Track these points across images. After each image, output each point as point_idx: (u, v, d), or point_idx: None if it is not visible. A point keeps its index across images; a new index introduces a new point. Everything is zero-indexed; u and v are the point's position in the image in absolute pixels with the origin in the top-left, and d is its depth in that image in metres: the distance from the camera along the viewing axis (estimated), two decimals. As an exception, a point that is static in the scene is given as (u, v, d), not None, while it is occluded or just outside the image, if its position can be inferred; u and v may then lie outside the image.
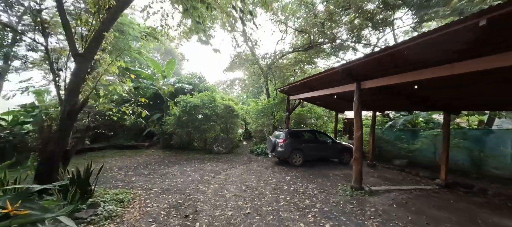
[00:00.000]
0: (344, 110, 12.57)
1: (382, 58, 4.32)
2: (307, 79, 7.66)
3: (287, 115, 11.08)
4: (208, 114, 11.06)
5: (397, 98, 7.07)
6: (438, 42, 3.49)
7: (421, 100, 6.89)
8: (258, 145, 12.24)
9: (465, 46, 3.56)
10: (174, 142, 11.55)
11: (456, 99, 6.53)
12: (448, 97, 6.48)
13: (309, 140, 9.35)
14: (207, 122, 11.90)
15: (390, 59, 4.38)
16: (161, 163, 8.85)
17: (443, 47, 3.70)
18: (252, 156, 11.16)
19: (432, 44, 3.52)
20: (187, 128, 10.90)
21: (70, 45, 4.44)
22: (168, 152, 11.51)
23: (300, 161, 8.65)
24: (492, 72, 3.48)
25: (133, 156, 10.41)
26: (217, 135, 12.11)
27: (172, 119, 11.06)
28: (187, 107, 10.64)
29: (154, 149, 12.23)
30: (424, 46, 3.61)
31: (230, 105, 12.30)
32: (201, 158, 10.25)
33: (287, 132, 8.80)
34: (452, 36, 3.20)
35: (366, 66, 5.08)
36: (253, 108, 12.81)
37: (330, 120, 13.47)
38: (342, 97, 8.31)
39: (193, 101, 10.93)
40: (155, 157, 10.32)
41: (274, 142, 8.82)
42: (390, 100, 7.91)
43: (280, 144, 8.59)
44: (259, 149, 11.58)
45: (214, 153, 11.55)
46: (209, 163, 9.05)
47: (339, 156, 9.35)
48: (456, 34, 3.12)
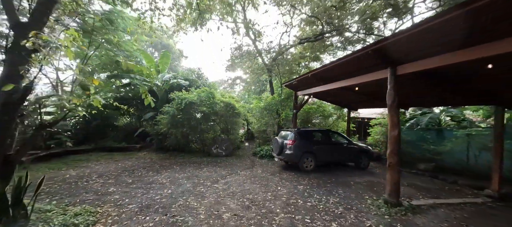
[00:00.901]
0: (359, 107, 11.28)
1: (443, 24, 3.06)
2: (322, 69, 6.42)
3: (295, 112, 9.85)
4: (206, 112, 9.84)
5: (434, 89, 5.79)
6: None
7: (473, 91, 5.55)
8: (262, 146, 11.00)
9: None
10: (169, 144, 10.34)
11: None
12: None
13: (321, 141, 8.10)
14: (205, 121, 10.69)
15: (454, 25, 3.11)
16: (151, 168, 7.63)
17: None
18: (255, 159, 9.92)
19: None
20: (182, 128, 9.68)
21: (8, 12, 3.25)
22: (162, 155, 10.31)
23: (311, 165, 7.40)
24: None
25: (121, 159, 9.21)
26: (216, 135, 10.89)
27: (166, 118, 9.86)
28: (183, 105, 9.43)
29: (146, 151, 11.03)
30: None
31: (230, 103, 11.07)
32: (198, 161, 9.03)
33: (296, 132, 7.55)
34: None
35: (409, 43, 3.83)
36: (256, 106, 11.57)
37: (342, 118, 12.18)
38: (364, 90, 7.05)
39: (189, 97, 9.72)
40: (146, 160, 9.11)
41: (281, 143, 7.58)
42: (424, 91, 6.61)
43: (288, 146, 7.35)
44: (263, 151, 10.34)
45: (213, 156, 10.33)
46: (206, 167, 7.82)
47: (356, 159, 8.08)
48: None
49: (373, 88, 7.03)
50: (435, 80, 5.07)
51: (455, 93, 5.83)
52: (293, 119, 9.92)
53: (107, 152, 10.60)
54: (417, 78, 5.03)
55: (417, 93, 7.02)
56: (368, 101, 9.68)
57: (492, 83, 4.91)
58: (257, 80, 19.93)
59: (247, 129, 18.70)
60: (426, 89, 6.12)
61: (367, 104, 10.31)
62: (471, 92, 5.74)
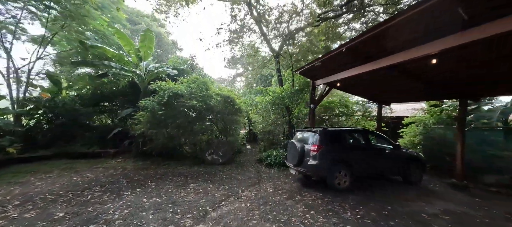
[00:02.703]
0: (394, 100, 8.93)
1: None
2: (371, 34, 4.11)
3: (312, 107, 7.54)
4: (197, 107, 7.52)
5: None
6: None
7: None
8: (269, 151, 8.69)
9: None
10: (150, 148, 8.03)
11: None
12: None
13: (357, 146, 5.80)
14: (197, 119, 8.38)
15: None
16: (114, 185, 5.33)
17: None
18: (261, 168, 7.62)
19: None
20: (165, 127, 7.37)
21: None
22: (141, 163, 8.01)
23: (346, 182, 5.09)
24: None
25: (83, 170, 6.92)
26: (211, 137, 8.60)
27: (144, 115, 7.57)
28: (165, 97, 7.12)
29: (122, 158, 8.72)
30: None
31: (229, 97, 8.78)
32: (185, 172, 6.73)
33: (322, 133, 5.24)
34: None
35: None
36: (262, 100, 9.20)
37: (367, 116, 9.83)
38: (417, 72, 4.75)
39: (174, 88, 7.40)
40: (116, 172, 6.81)
41: (300, 149, 5.27)
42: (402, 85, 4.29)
43: (312, 153, 5.04)
44: (271, 157, 8.03)
45: (206, 164, 8.04)
46: (194, 183, 5.52)
47: (404, 171, 5.76)
48: None
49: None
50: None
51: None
52: (310, 116, 7.61)
53: (72, 159, 8.30)
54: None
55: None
56: (409, 92, 7.38)
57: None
58: (259, 75, 17.65)
59: (249, 129, 16.38)
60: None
61: (406, 96, 7.98)
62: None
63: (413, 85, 6.51)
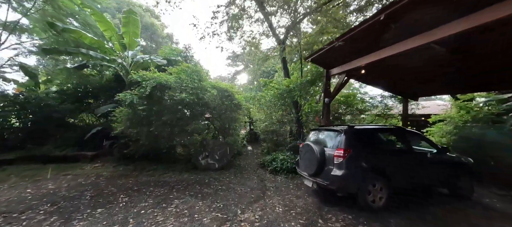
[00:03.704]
0: (424, 93, 7.55)
1: None
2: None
3: (327, 102, 6.25)
4: (188, 101, 6.19)
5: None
6: None
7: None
8: (274, 154, 7.37)
9: None
10: (133, 151, 6.73)
11: None
12: None
13: (394, 149, 4.48)
14: (190, 117, 7.08)
15: None
16: (72, 201, 4.03)
17: None
18: (265, 175, 6.32)
19: None
20: (148, 126, 6.04)
21: None
22: (121, 168, 6.71)
23: (383, 198, 3.77)
24: None
25: (46, 178, 5.63)
26: (206, 137, 7.30)
27: (124, 111, 6.26)
28: (148, 89, 5.79)
29: (102, 162, 7.41)
30: None
31: (227, 90, 7.49)
32: (173, 181, 5.43)
33: (349, 133, 3.92)
34: None
35: None
36: (265, 93, 7.82)
37: (385, 113, 8.46)
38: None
39: (159, 78, 6.07)
40: (87, 180, 5.51)
41: (319, 154, 3.94)
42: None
43: (336, 160, 3.71)
44: (277, 162, 6.71)
45: (200, 169, 6.73)
46: (180, 199, 4.21)
47: (452, 181, 4.44)
48: None
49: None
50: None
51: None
52: (325, 113, 6.31)
53: (40, 163, 7.00)
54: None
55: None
56: (450, 81, 6.07)
57: None
58: (260, 71, 16.33)
59: (250, 128, 15.06)
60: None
61: (443, 87, 6.66)
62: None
63: (458, 72, 5.20)
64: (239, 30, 9.96)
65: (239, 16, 9.29)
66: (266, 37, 9.12)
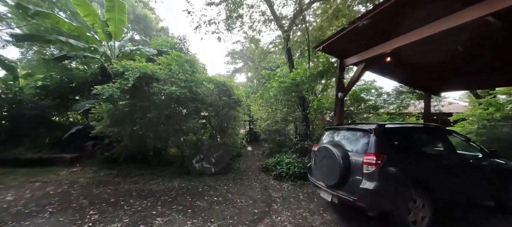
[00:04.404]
0: (450, 87, 6.65)
1: None
2: None
3: (341, 96, 5.40)
4: (179, 95, 5.27)
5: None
6: None
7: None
8: (278, 156, 6.50)
9: None
10: (117, 154, 5.82)
11: None
12: None
13: (434, 154, 3.59)
14: (181, 114, 6.18)
15: None
16: (24, 220, 3.13)
17: None
18: (269, 182, 5.46)
19: None
20: (132, 124, 5.12)
21: None
22: (103, 173, 5.80)
23: (426, 217, 2.90)
24: None
25: (9, 186, 4.72)
26: (199, 138, 6.42)
27: (104, 108, 5.34)
28: (131, 81, 4.87)
29: (82, 165, 6.49)
30: None
31: (224, 84, 6.60)
32: (159, 191, 4.55)
33: (380, 133, 3.04)
34: None
35: None
36: (270, 86, 6.80)
37: (400, 111, 7.57)
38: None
39: (143, 68, 5.13)
40: (57, 189, 4.62)
41: (342, 160, 3.05)
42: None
43: (367, 169, 2.83)
44: (282, 165, 5.84)
45: (193, 174, 5.86)
46: (164, 217, 3.33)
47: (503, 193, 3.59)
48: None
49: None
50: None
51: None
52: (338, 110, 5.44)
53: (10, 167, 6.08)
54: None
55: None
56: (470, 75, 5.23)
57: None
58: (260, 67, 15.36)
59: (250, 128, 14.15)
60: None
61: (460, 83, 5.82)
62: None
63: (484, 64, 4.35)
64: (239, 19, 9.07)
65: (239, 3, 8.38)
66: (268, 22, 8.19)
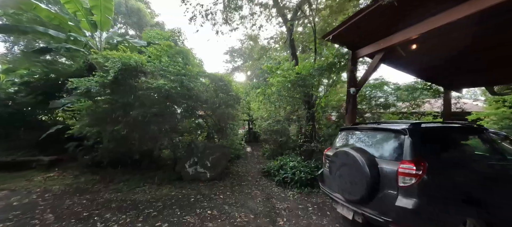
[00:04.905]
0: (467, 83, 6.00)
1: None
2: None
3: (353, 93, 4.78)
4: (168, 90, 4.57)
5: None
6: None
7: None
8: (281, 158, 5.85)
9: None
10: (98, 156, 5.13)
11: None
12: None
13: (482, 161, 2.90)
14: (175, 113, 5.50)
15: None
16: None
17: None
18: (271, 189, 4.80)
19: None
20: (114, 123, 4.42)
21: None
22: (83, 179, 5.11)
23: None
24: None
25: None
26: (193, 140, 5.75)
27: (83, 104, 4.63)
28: (111, 74, 4.17)
29: (61, 169, 5.78)
30: None
31: (221, 79, 5.92)
32: (144, 202, 3.87)
33: (416, 134, 2.37)
34: None
35: None
36: (274, 81, 6.02)
37: (409, 110, 6.89)
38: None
39: (127, 58, 4.43)
40: (24, 200, 3.93)
41: (367, 168, 2.38)
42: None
43: (403, 182, 2.16)
44: (286, 170, 5.18)
45: (187, 180, 5.19)
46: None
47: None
48: None
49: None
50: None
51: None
52: (350, 108, 4.79)
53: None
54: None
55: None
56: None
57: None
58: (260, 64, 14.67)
59: (249, 127, 13.47)
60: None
61: (481, 77, 5.19)
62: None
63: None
64: (239, 11, 8.39)
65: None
66: (270, 17, 7.52)
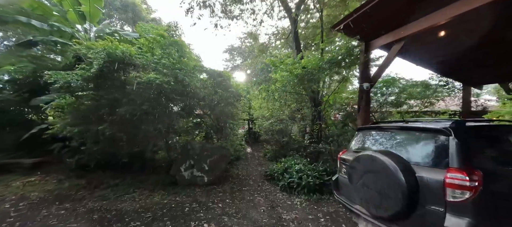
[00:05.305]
0: (484, 79, 5.48)
1: None
2: None
3: (367, 88, 4.31)
4: (159, 84, 4.06)
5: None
6: None
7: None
8: (285, 160, 5.38)
9: None
10: (84, 158, 4.63)
11: None
12: None
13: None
14: (169, 111, 5.00)
15: None
16: None
17: None
18: (276, 196, 4.33)
19: None
20: (99, 122, 3.92)
21: None
22: (67, 184, 4.60)
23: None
24: None
25: None
26: (189, 140, 5.26)
27: (65, 102, 4.12)
28: (95, 67, 3.67)
29: (45, 172, 5.28)
30: None
31: (220, 74, 5.44)
32: (131, 212, 3.38)
33: (463, 134, 1.89)
34: None
35: None
36: (279, 76, 5.46)
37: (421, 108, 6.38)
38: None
39: (113, 49, 3.92)
40: None
41: (402, 177, 1.90)
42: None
43: (452, 196, 1.68)
44: (292, 174, 4.71)
45: (182, 185, 4.70)
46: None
47: None
48: None
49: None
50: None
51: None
52: (363, 105, 4.33)
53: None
54: None
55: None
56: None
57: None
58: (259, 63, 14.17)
59: (249, 126, 12.96)
60: None
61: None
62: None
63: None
64: (238, 3, 7.91)
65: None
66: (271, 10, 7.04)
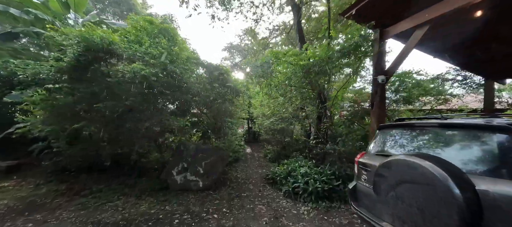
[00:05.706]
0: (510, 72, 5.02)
1: None
2: None
3: (383, 80, 3.80)
4: (145, 76, 3.53)
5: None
6: None
7: None
8: (288, 162, 4.88)
9: None
10: (62, 161, 4.11)
11: None
12: None
13: None
14: (157, 108, 4.49)
15: None
16: None
17: None
18: (279, 204, 3.81)
19: None
20: (76, 120, 3.39)
21: None
22: (45, 189, 4.09)
23: None
24: None
25: None
26: (182, 141, 4.74)
27: (36, 97, 3.59)
28: (69, 56, 3.16)
29: (23, 176, 4.74)
30: None
31: (217, 67, 4.92)
32: (112, 225, 2.84)
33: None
34: None
35: None
36: (283, 68, 4.87)
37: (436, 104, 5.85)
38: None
39: (90, 35, 3.39)
40: None
41: (458, 192, 1.38)
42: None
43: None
44: (296, 177, 4.20)
45: (174, 190, 4.20)
46: None
47: None
48: None
49: None
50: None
51: None
52: (377, 100, 3.82)
53: None
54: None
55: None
56: None
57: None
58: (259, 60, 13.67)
59: (248, 126, 12.46)
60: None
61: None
62: None
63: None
64: None
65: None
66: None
